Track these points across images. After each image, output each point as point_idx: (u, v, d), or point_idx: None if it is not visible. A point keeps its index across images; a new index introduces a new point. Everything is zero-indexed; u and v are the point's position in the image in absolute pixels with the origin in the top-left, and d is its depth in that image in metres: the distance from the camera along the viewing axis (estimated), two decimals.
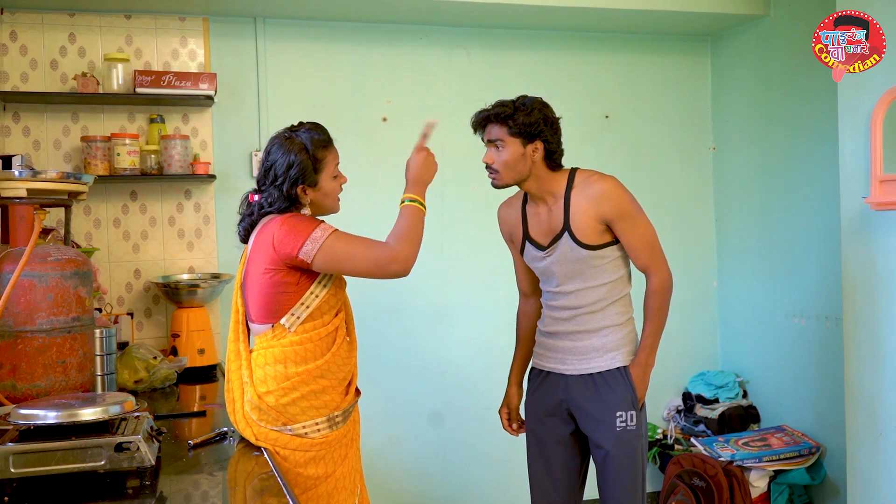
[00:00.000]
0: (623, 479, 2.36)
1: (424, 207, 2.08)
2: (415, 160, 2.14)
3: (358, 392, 2.18)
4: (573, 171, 2.39)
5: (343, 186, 2.17)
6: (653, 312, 2.37)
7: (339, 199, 2.16)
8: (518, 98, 2.34)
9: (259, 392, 2.00)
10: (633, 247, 2.35)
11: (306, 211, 2.08)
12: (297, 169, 2.02)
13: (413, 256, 2.00)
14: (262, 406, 1.99)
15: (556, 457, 2.49)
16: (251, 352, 2.07)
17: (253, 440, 2.01)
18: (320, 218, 2.10)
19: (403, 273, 1.99)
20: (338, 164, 2.13)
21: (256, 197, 2.09)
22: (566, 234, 2.34)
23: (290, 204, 2.05)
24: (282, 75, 3.69)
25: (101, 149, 3.33)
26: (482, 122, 2.36)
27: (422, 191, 2.11)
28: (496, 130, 2.32)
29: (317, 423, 2.01)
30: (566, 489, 2.50)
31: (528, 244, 2.46)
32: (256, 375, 2.02)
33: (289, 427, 1.99)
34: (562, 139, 2.38)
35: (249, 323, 2.09)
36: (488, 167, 2.36)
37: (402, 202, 2.09)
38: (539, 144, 2.31)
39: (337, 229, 2.00)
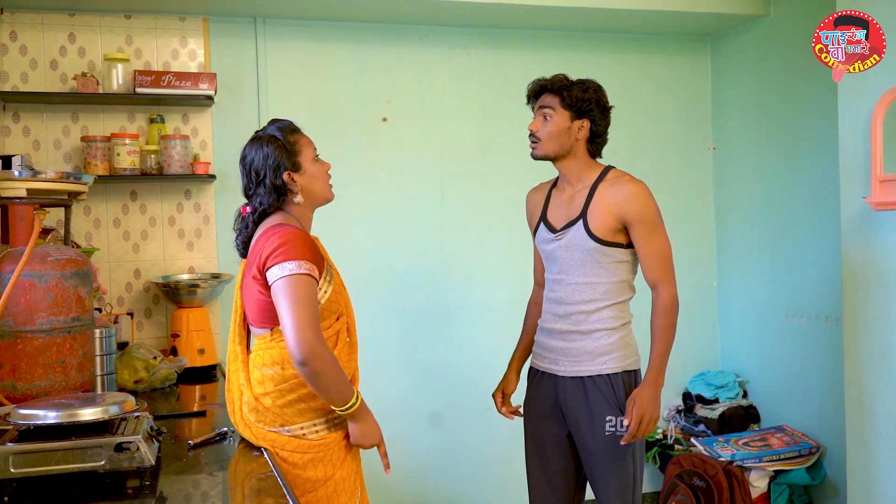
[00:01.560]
0: (611, 483, 2.36)
1: (346, 407, 1.94)
2: (372, 430, 2.03)
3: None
4: (609, 167, 2.43)
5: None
6: (663, 330, 2.34)
7: (330, 185, 2.11)
8: (578, 78, 2.42)
9: (256, 394, 2.00)
10: (647, 256, 2.34)
11: (298, 199, 2.03)
12: (273, 157, 2.00)
13: (316, 371, 1.85)
14: (258, 408, 1.99)
15: (554, 458, 2.49)
16: (249, 353, 2.06)
17: (252, 441, 2.01)
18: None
19: (298, 362, 1.85)
20: (315, 149, 2.09)
21: (248, 209, 2.07)
22: (581, 221, 2.35)
23: (280, 195, 2.02)
24: (282, 75, 3.69)
25: (101, 149, 3.33)
26: (538, 89, 2.42)
27: (357, 412, 1.97)
28: (549, 99, 2.38)
29: (315, 425, 2.01)
30: (563, 490, 2.50)
31: (541, 225, 2.48)
32: (254, 377, 2.01)
33: (286, 428, 1.99)
34: (608, 128, 2.43)
35: (249, 325, 2.09)
36: (532, 135, 2.40)
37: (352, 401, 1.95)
38: (586, 123, 2.37)
39: (312, 277, 1.90)
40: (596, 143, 2.41)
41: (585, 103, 2.35)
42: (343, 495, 2.05)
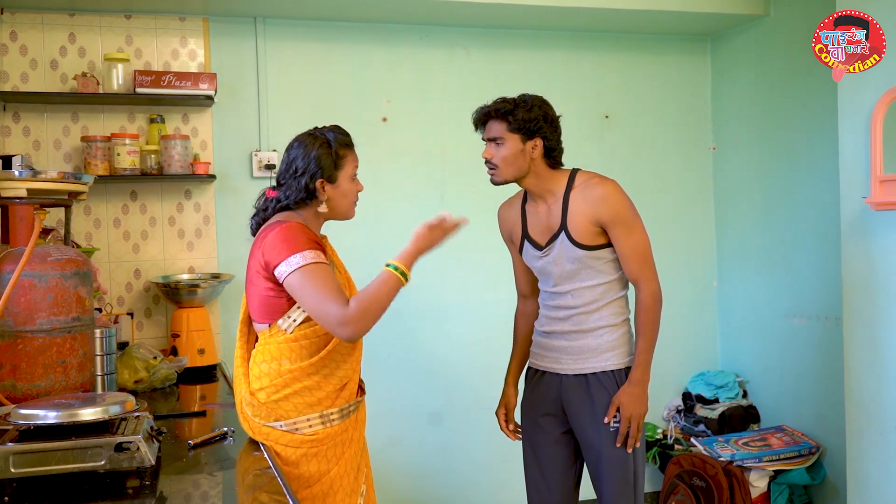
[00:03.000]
0: (616, 480, 2.36)
1: (406, 279, 1.97)
2: (422, 231, 2.03)
3: (361, 391, 2.18)
4: (574, 171, 2.39)
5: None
6: (645, 328, 2.34)
7: (354, 205, 2.17)
8: (519, 95, 2.36)
9: (252, 389, 2.03)
10: (624, 254, 2.33)
11: (323, 208, 2.08)
12: (317, 162, 2.05)
13: (366, 328, 1.91)
14: (254, 402, 2.02)
15: (551, 457, 2.49)
16: (251, 348, 2.10)
17: (251, 434, 2.04)
18: (327, 224, 2.11)
19: (349, 340, 1.93)
20: (356, 167, 2.15)
21: (274, 193, 2.11)
22: (563, 233, 2.34)
23: (308, 197, 2.06)
24: (282, 75, 3.69)
25: (101, 149, 3.33)
26: (483, 118, 2.38)
27: (412, 261, 2.00)
28: (496, 126, 2.34)
29: (308, 420, 2.02)
30: (561, 489, 2.50)
31: (526, 243, 2.46)
32: (252, 372, 2.04)
33: (280, 423, 2.00)
34: (561, 137, 2.39)
35: (252, 320, 2.11)
36: (488, 162, 2.37)
37: (387, 265, 1.97)
38: (538, 141, 2.33)
39: (320, 263, 1.94)
40: (553, 156, 2.37)
41: (533, 123, 2.30)
42: (340, 493, 2.05)
